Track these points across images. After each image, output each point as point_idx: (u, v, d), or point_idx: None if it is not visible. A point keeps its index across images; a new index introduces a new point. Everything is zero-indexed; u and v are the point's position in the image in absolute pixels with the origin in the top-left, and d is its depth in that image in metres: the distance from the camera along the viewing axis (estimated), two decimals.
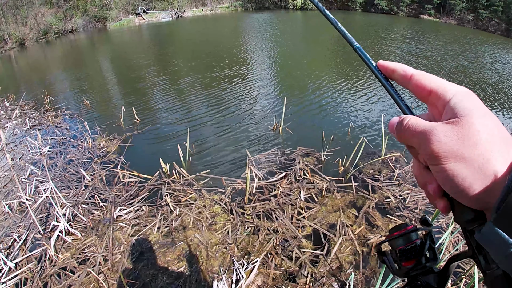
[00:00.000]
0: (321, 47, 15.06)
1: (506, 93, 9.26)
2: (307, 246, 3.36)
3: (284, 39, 16.55)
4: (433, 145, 0.40)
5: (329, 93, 8.16)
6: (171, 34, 19.84)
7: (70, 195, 4.16)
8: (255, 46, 14.54)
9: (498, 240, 0.34)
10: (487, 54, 15.22)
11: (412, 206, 4.00)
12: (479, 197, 0.38)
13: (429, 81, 0.45)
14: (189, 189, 4.21)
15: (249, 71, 10.20)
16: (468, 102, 0.41)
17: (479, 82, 10.12)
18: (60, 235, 3.46)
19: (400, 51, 14.18)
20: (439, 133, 0.40)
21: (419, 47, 15.26)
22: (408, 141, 0.45)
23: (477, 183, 0.38)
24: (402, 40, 17.36)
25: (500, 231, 0.34)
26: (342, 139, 5.64)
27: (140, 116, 6.60)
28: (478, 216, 0.40)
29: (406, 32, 20.83)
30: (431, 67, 11.49)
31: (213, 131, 5.96)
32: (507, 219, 0.34)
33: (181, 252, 3.28)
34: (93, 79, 10.16)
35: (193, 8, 31.23)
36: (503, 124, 0.41)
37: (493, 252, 0.36)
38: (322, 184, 4.28)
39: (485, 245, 0.37)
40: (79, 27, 23.47)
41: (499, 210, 0.35)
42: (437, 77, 0.45)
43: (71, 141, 5.59)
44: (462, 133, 0.38)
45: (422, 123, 0.43)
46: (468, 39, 19.59)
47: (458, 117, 0.40)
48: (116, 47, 16.68)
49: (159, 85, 8.97)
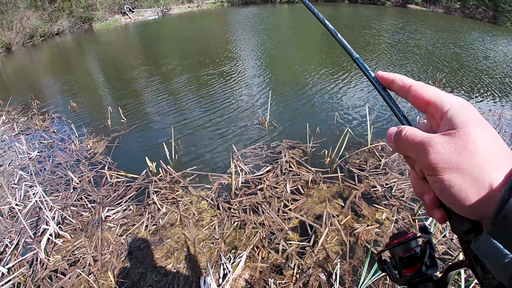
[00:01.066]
0: (306, 41, 15.07)
1: (501, 80, 9.33)
2: (293, 238, 3.38)
3: (270, 33, 16.54)
4: (430, 156, 0.40)
5: (314, 86, 8.19)
6: (157, 33, 19.72)
7: (59, 198, 4.15)
8: (240, 41, 14.54)
9: (494, 251, 0.35)
10: (477, 42, 15.30)
11: (399, 194, 4.04)
12: (475, 208, 0.39)
13: (427, 92, 0.46)
14: (175, 187, 4.23)
15: (234, 66, 10.20)
16: (465, 114, 0.41)
17: (473, 70, 10.19)
18: (50, 238, 3.47)
19: (391, 41, 14.23)
20: (436, 145, 0.40)
21: (410, 36, 15.33)
22: (406, 151, 0.45)
23: (473, 193, 0.38)
24: (393, 29, 17.42)
25: (495, 242, 0.35)
26: (327, 131, 5.67)
27: (126, 116, 6.59)
28: (474, 227, 0.41)
29: (395, 22, 20.88)
30: (425, 56, 11.54)
31: (199, 128, 5.97)
32: (502, 230, 0.35)
33: (169, 249, 3.30)
34: (80, 81, 10.09)
35: (179, 5, 31.02)
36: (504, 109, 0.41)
37: (489, 263, 0.37)
38: (308, 175, 4.31)
39: (481, 255, 0.38)
40: (65, 29, 23.24)
41: (495, 221, 0.35)
42: (435, 88, 0.46)
43: (59, 144, 5.57)
44: (459, 144, 0.39)
45: (420, 134, 0.43)
46: (457, 27, 19.67)
47: (455, 129, 0.40)
48: (102, 47, 16.55)
49: (145, 84, 8.93)
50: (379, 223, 3.59)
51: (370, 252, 2.81)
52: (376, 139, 5.30)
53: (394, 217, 3.67)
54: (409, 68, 10.09)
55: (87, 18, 24.54)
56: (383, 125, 5.96)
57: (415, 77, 9.24)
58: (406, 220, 3.64)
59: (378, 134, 5.50)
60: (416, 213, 3.69)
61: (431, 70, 9.71)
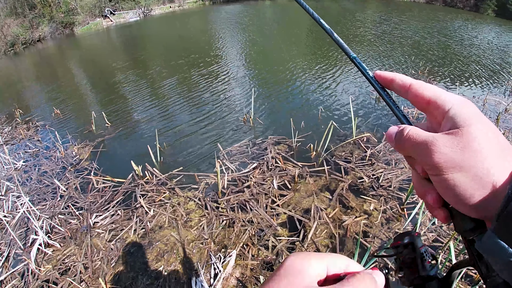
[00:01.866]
0: (287, 38, 15.06)
1: (485, 67, 9.49)
2: (283, 234, 3.40)
3: (251, 31, 16.56)
4: (434, 155, 0.40)
5: (297, 81, 8.23)
6: (139, 34, 19.58)
7: (46, 207, 4.11)
8: (222, 40, 14.53)
9: (498, 249, 0.35)
10: (461, 30, 15.54)
11: (386, 184, 4.06)
12: (480, 206, 0.38)
13: (427, 90, 0.45)
14: (162, 189, 4.21)
15: (216, 65, 10.17)
16: (467, 112, 0.41)
17: (458, 58, 10.36)
18: (40, 248, 3.43)
19: (378, 32, 14.36)
20: (440, 144, 0.40)
21: (396, 27, 15.51)
22: (408, 151, 0.45)
23: (478, 192, 0.38)
24: (378, 21, 17.62)
25: (500, 240, 0.35)
26: (312, 125, 5.69)
27: (110, 120, 6.53)
28: (478, 225, 0.40)
29: (380, 13, 21.02)
30: (411, 46, 11.71)
31: (184, 128, 5.95)
32: (507, 228, 0.34)
33: (158, 252, 3.29)
34: (63, 87, 9.98)
35: (161, 5, 30.80)
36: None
37: (493, 261, 0.37)
38: (295, 170, 4.32)
39: (485, 254, 0.38)
40: (47, 35, 22.93)
41: (500, 219, 0.35)
42: (436, 87, 0.45)
43: (44, 153, 5.51)
44: (463, 143, 0.39)
45: (422, 133, 0.43)
46: (440, 16, 19.92)
47: (458, 128, 0.40)
48: (84, 52, 16.39)
49: (128, 87, 8.87)
50: (367, 214, 3.62)
51: (359, 243, 2.83)
52: (361, 130, 5.34)
53: (382, 207, 3.69)
54: (396, 59, 10.19)
55: (68, 23, 24.22)
56: (367, 116, 6.00)
57: (403, 67, 9.35)
58: (394, 209, 3.68)
59: (362, 125, 5.54)
60: (404, 202, 3.73)
61: (416, 60, 9.82)
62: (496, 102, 6.67)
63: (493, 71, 9.25)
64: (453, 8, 28.57)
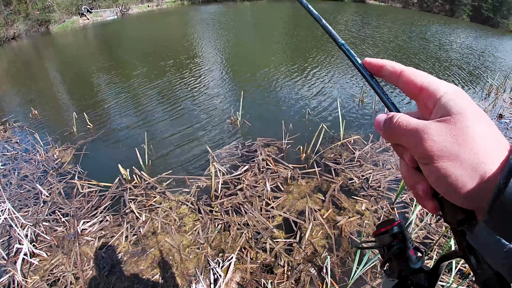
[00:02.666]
0: (272, 37, 15.16)
1: (466, 69, 9.93)
2: (279, 236, 3.38)
3: (235, 31, 16.53)
4: (426, 143, 0.39)
5: (284, 82, 8.26)
6: (117, 34, 19.05)
7: (29, 214, 3.88)
8: (205, 40, 14.34)
9: (490, 241, 0.34)
10: (440, 35, 16.33)
11: (375, 184, 4.15)
12: (471, 197, 0.37)
13: (419, 77, 0.44)
14: (152, 193, 4.09)
15: (201, 66, 10.03)
16: (460, 100, 0.40)
17: (441, 62, 10.83)
18: (26, 258, 3.24)
19: (362, 35, 14.72)
20: (432, 132, 0.39)
21: (377, 31, 16.11)
22: (398, 139, 0.44)
23: (469, 182, 0.37)
24: (360, 24, 18.18)
25: (492, 231, 0.34)
26: (300, 126, 5.72)
27: (93, 121, 6.27)
28: (468, 216, 0.40)
29: (360, 17, 21.79)
30: (398, 51, 12.05)
31: (171, 131, 5.81)
32: (498, 219, 0.34)
33: (153, 259, 3.19)
34: (40, 87, 9.47)
35: (139, 4, 30.21)
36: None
37: (485, 253, 0.36)
38: (286, 172, 4.33)
39: (476, 245, 0.37)
40: (22, 33, 21.87)
41: (491, 210, 0.34)
42: (427, 74, 0.44)
43: (24, 155, 5.20)
44: (456, 131, 0.38)
45: (413, 121, 0.41)
46: (419, 21, 20.80)
47: (451, 115, 0.39)
48: (61, 51, 15.75)
49: (109, 87, 8.56)
50: (360, 214, 3.67)
51: (359, 243, 2.86)
52: (348, 132, 5.41)
53: (373, 207, 3.77)
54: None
55: (43, 20, 23.21)
56: (353, 118, 6.10)
57: None
58: (385, 209, 3.75)
59: (349, 127, 5.62)
60: (394, 202, 3.81)
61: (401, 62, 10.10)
62: None
63: (471, 74, 9.71)
64: (429, 13, 29.66)
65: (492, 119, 6.28)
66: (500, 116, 6.51)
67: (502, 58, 13.02)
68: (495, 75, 9.56)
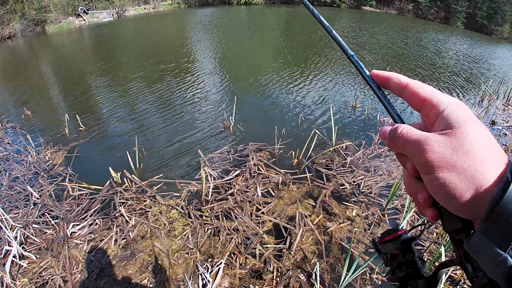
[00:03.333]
0: (267, 41, 15.22)
1: (461, 75, 10.06)
2: (269, 241, 3.37)
3: (230, 34, 16.54)
4: (427, 154, 0.41)
5: (277, 87, 8.26)
6: (113, 35, 19.02)
7: (19, 216, 3.83)
8: (200, 44, 14.35)
9: (486, 250, 0.36)
10: (436, 41, 16.64)
11: (366, 190, 4.15)
12: (469, 207, 0.39)
13: (423, 90, 0.47)
14: (143, 196, 4.06)
15: (195, 70, 10.03)
16: (461, 113, 0.42)
17: (436, 68, 11.01)
18: (15, 260, 3.20)
19: (359, 41, 14.81)
20: (433, 143, 0.41)
21: (375, 37, 16.29)
22: (401, 149, 0.46)
23: (467, 192, 0.39)
24: (358, 31, 18.32)
25: (488, 240, 0.36)
26: (293, 132, 5.72)
27: (85, 123, 6.23)
28: (466, 226, 0.41)
29: (357, 23, 22.01)
30: (396, 58, 12.11)
31: (163, 134, 5.78)
32: (495, 229, 0.35)
33: (142, 263, 3.17)
34: (34, 87, 9.40)
35: (135, 6, 30.18)
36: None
37: (481, 261, 0.37)
38: (278, 177, 4.32)
39: (473, 254, 0.39)
40: (17, 32, 21.72)
41: (488, 220, 0.36)
42: (431, 87, 0.47)
43: (15, 157, 5.15)
44: (455, 143, 0.40)
45: (416, 132, 0.44)
46: (415, 28, 21.09)
47: (452, 128, 0.41)
48: (56, 52, 15.66)
49: (103, 90, 8.51)
50: (350, 220, 3.67)
51: (350, 251, 2.85)
52: (340, 138, 5.42)
53: (364, 213, 3.77)
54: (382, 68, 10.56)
55: (40, 20, 23.07)
56: (345, 124, 6.11)
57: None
58: (375, 215, 3.75)
59: (341, 133, 5.63)
60: (385, 208, 3.81)
61: (402, 69, 10.17)
62: None
63: (464, 81, 9.80)
64: (424, 20, 29.92)
65: (485, 126, 6.33)
66: (492, 123, 6.55)
67: (496, 65, 13.17)
68: (489, 81, 9.64)
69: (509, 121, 6.73)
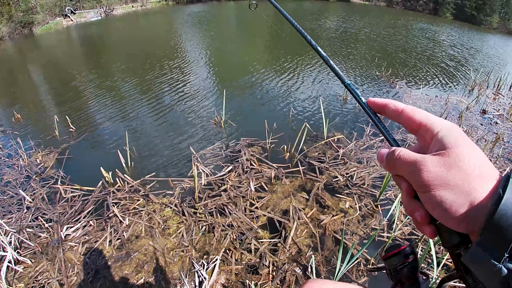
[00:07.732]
0: (255, 37, 15.17)
1: (447, 67, 10.07)
2: (264, 236, 3.38)
3: (219, 31, 16.48)
4: (423, 174, 0.44)
5: (267, 82, 8.24)
6: (101, 35, 18.84)
7: (13, 220, 3.80)
8: (188, 41, 14.24)
9: (483, 262, 0.38)
10: (424, 32, 16.76)
11: (359, 182, 4.17)
12: (465, 221, 0.41)
13: (418, 114, 0.50)
14: (136, 196, 4.04)
15: (184, 67, 9.95)
16: (453, 135, 0.45)
17: (425, 59, 11.09)
18: (10, 265, 3.17)
19: (349, 34, 14.85)
20: (428, 163, 0.44)
21: (368, 31, 16.31)
22: (398, 170, 0.49)
23: (463, 208, 0.41)
24: (351, 25, 18.41)
25: (484, 253, 0.38)
26: (284, 126, 5.72)
27: (75, 124, 6.16)
28: (463, 240, 0.44)
29: (348, 17, 22.01)
30: (383, 50, 12.06)
31: (154, 132, 5.75)
32: (490, 241, 0.37)
33: (138, 263, 3.16)
34: (23, 90, 9.24)
35: (123, 4, 29.89)
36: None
37: (479, 273, 0.40)
38: (270, 172, 4.32)
39: (471, 266, 0.41)
40: (5, 35, 21.39)
41: (484, 233, 0.38)
42: (426, 112, 0.50)
43: (6, 161, 5.08)
44: (449, 163, 0.43)
45: (412, 154, 0.47)
46: (403, 20, 21.21)
47: (445, 149, 0.44)
48: (44, 53, 15.44)
49: (91, 90, 8.41)
50: (344, 212, 3.69)
51: (342, 242, 2.87)
52: (331, 131, 5.43)
53: (357, 205, 3.78)
54: (371, 61, 10.52)
55: (27, 22, 22.73)
56: (336, 117, 6.12)
57: (376, 71, 9.69)
58: (369, 206, 3.78)
59: (334, 126, 5.64)
60: (378, 199, 3.84)
61: (391, 62, 10.20)
62: (457, 101, 7.04)
63: (454, 71, 9.86)
64: (413, 11, 30.04)
65: (476, 115, 6.39)
66: (483, 112, 6.60)
67: (485, 54, 13.29)
68: (479, 71, 9.71)
69: (500, 110, 6.79)
